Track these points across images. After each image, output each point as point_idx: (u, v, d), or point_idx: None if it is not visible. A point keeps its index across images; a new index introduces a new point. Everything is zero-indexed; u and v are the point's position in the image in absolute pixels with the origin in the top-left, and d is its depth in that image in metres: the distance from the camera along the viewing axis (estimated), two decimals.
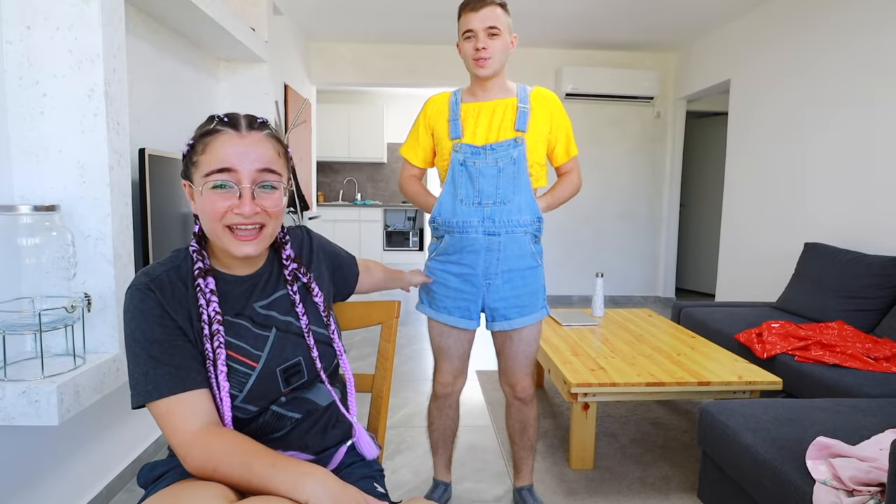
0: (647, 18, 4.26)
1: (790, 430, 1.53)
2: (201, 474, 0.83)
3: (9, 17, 1.43)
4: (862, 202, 2.96)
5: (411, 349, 3.70)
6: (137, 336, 0.86)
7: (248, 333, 0.93)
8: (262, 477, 0.79)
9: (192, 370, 0.86)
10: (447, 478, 1.90)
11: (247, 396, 0.90)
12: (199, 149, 0.88)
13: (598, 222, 5.40)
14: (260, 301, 0.97)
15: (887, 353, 2.21)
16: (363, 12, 4.22)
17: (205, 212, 0.88)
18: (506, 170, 1.54)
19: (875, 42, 2.89)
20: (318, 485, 0.78)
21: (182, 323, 0.88)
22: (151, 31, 2.22)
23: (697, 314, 3.05)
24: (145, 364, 0.85)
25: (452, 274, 1.62)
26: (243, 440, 0.84)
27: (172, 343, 0.87)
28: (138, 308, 0.87)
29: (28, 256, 1.42)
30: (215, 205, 0.87)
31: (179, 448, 0.83)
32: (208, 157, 0.87)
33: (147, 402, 0.85)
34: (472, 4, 1.50)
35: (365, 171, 7.51)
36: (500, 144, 1.54)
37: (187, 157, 0.91)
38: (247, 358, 0.91)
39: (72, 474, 1.69)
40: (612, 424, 2.51)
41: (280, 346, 0.95)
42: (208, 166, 0.87)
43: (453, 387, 1.76)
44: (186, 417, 0.84)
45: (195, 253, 0.93)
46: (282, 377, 0.94)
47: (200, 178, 0.88)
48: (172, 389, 0.84)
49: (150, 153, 1.89)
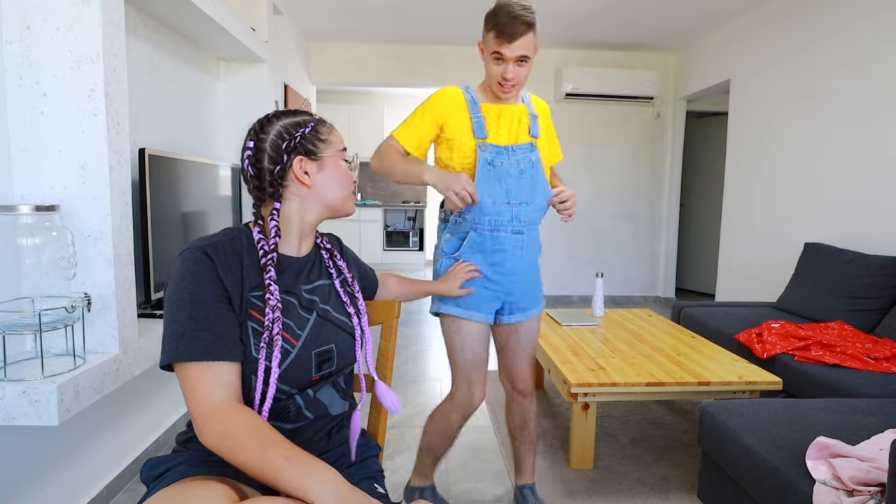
0: (647, 18, 4.26)
1: (790, 430, 1.53)
2: (214, 449, 0.82)
3: (9, 17, 1.43)
4: (862, 202, 2.96)
5: (411, 349, 3.70)
6: (184, 296, 0.87)
7: (294, 311, 0.98)
8: (275, 468, 0.78)
9: (229, 341, 0.88)
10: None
11: (283, 374, 0.92)
12: (326, 130, 1.04)
13: (598, 222, 5.40)
14: (305, 285, 1.02)
15: (887, 353, 2.21)
16: (363, 12, 4.22)
17: (344, 177, 1.05)
18: (526, 171, 1.57)
19: (876, 41, 2.88)
20: (328, 486, 0.78)
21: (232, 291, 0.90)
22: (151, 31, 2.22)
23: (697, 314, 3.05)
24: (184, 324, 0.86)
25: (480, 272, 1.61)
26: (261, 424, 0.84)
27: (217, 309, 0.88)
28: (190, 270, 0.88)
29: (28, 256, 1.42)
30: (349, 174, 1.07)
31: (198, 417, 0.84)
32: (336, 138, 1.05)
33: (177, 361, 0.85)
34: (508, 33, 1.44)
35: (365, 171, 7.51)
36: (520, 147, 1.58)
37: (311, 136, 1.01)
38: (290, 335, 0.95)
39: (72, 474, 1.69)
40: (612, 424, 2.51)
41: (317, 331, 0.99)
42: (340, 144, 1.05)
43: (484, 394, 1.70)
44: (212, 387, 0.85)
45: (275, 228, 0.98)
46: (315, 361, 0.97)
47: (336, 153, 1.04)
48: (206, 355, 0.85)
49: (150, 153, 1.89)
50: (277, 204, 0.99)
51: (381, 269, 7.07)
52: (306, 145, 1.00)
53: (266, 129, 0.99)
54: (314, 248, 1.09)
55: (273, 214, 0.98)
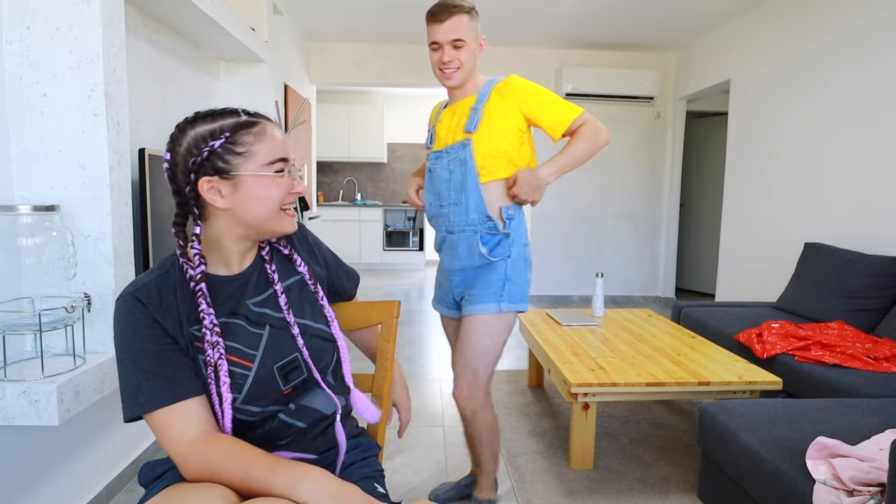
0: (647, 18, 4.26)
1: (790, 430, 1.53)
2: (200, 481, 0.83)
3: (9, 17, 1.43)
4: (862, 202, 2.95)
5: (411, 349, 3.70)
6: (127, 347, 0.85)
7: (242, 332, 0.92)
8: (261, 481, 0.79)
9: (184, 379, 0.85)
10: None
11: (246, 397, 0.89)
12: (248, 140, 0.88)
13: (598, 222, 5.40)
14: (253, 298, 0.95)
15: (887, 353, 2.20)
16: (363, 12, 4.22)
17: (267, 197, 0.89)
18: (455, 172, 1.59)
19: (876, 41, 2.88)
20: (317, 484, 0.78)
21: (172, 331, 0.87)
22: (151, 31, 2.22)
23: (697, 314, 3.04)
24: (136, 376, 0.84)
25: (439, 267, 1.78)
26: (239, 446, 0.83)
27: (162, 353, 0.85)
28: (126, 319, 0.86)
29: (28, 256, 1.42)
30: (280, 189, 0.90)
31: (176, 457, 0.83)
32: (263, 148, 0.89)
33: (140, 414, 0.84)
34: (438, 15, 1.50)
35: (365, 171, 7.51)
36: (451, 148, 1.60)
37: (222, 150, 0.87)
38: (241, 359, 0.90)
39: (72, 474, 1.69)
40: (612, 424, 2.51)
41: (275, 344, 0.93)
42: (269, 155, 0.89)
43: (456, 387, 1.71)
44: (181, 427, 0.83)
45: (197, 255, 0.89)
46: (279, 375, 0.93)
47: (259, 168, 0.88)
48: (165, 401, 0.83)
49: (150, 153, 1.90)
50: (197, 228, 0.91)
51: (382, 269, 7.07)
52: (215, 162, 0.86)
53: (180, 140, 0.87)
54: (258, 256, 0.99)
55: (193, 240, 0.91)
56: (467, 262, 1.64)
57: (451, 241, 1.66)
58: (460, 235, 1.63)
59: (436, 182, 1.65)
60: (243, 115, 0.91)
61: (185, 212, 0.92)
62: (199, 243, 0.91)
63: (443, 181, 1.62)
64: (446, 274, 1.72)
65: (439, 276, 1.77)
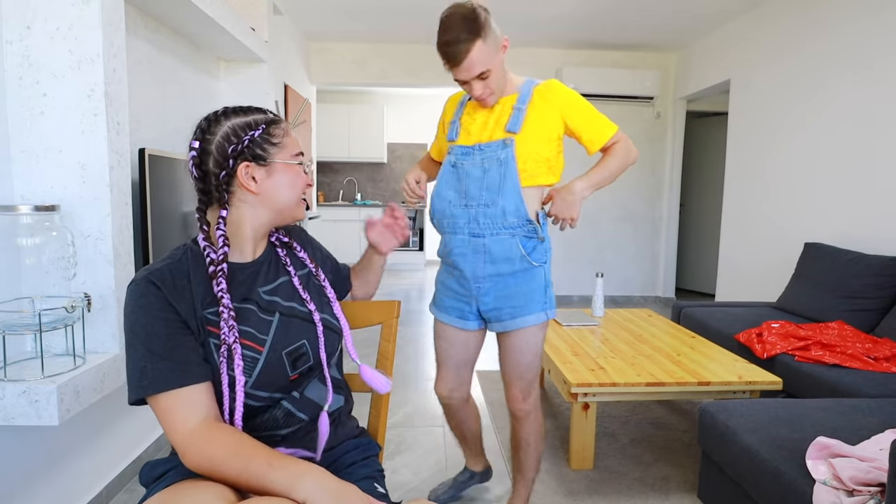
0: (647, 19, 4.26)
1: (790, 430, 1.53)
2: (200, 472, 0.83)
3: (9, 17, 1.43)
4: (862, 202, 2.95)
5: (411, 349, 3.70)
6: (137, 330, 0.86)
7: (254, 318, 0.94)
8: (259, 476, 0.79)
9: (191, 364, 0.86)
10: (475, 466, 1.93)
11: (256, 381, 0.91)
12: (280, 133, 0.98)
13: (598, 222, 5.40)
14: (264, 286, 0.99)
15: (887, 353, 2.21)
16: (363, 12, 4.22)
17: (293, 184, 0.99)
18: (491, 171, 1.47)
19: (875, 41, 2.88)
20: (316, 483, 0.78)
21: (185, 315, 0.88)
22: (151, 31, 2.22)
23: (697, 314, 3.05)
24: (143, 358, 0.85)
25: (449, 273, 1.62)
26: (241, 439, 0.84)
27: (173, 337, 0.86)
28: (138, 303, 0.87)
29: (28, 256, 1.42)
30: (303, 179, 1.01)
31: (178, 446, 0.84)
32: (290, 141, 1.00)
33: (144, 396, 0.85)
34: (451, 60, 1.37)
35: (365, 171, 7.51)
36: (488, 145, 1.49)
37: (260, 139, 0.95)
38: (253, 342, 0.92)
39: (72, 474, 1.69)
40: (612, 424, 2.51)
41: (284, 330, 0.96)
42: (295, 148, 1.00)
43: (449, 398, 1.72)
44: (185, 414, 0.84)
45: (222, 237, 0.92)
46: (288, 360, 0.95)
47: (289, 158, 0.98)
48: (170, 384, 0.84)
49: (150, 153, 1.89)
50: (224, 211, 0.94)
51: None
52: (254, 150, 0.94)
53: (213, 129, 0.93)
54: (268, 246, 1.05)
55: (219, 223, 0.94)
56: (505, 267, 1.51)
57: (478, 245, 1.51)
58: (493, 239, 1.49)
59: (463, 179, 1.51)
60: (268, 112, 1.01)
61: (208, 199, 0.96)
62: (224, 225, 0.95)
63: (474, 179, 1.49)
64: (468, 282, 1.55)
65: (453, 284, 1.59)
